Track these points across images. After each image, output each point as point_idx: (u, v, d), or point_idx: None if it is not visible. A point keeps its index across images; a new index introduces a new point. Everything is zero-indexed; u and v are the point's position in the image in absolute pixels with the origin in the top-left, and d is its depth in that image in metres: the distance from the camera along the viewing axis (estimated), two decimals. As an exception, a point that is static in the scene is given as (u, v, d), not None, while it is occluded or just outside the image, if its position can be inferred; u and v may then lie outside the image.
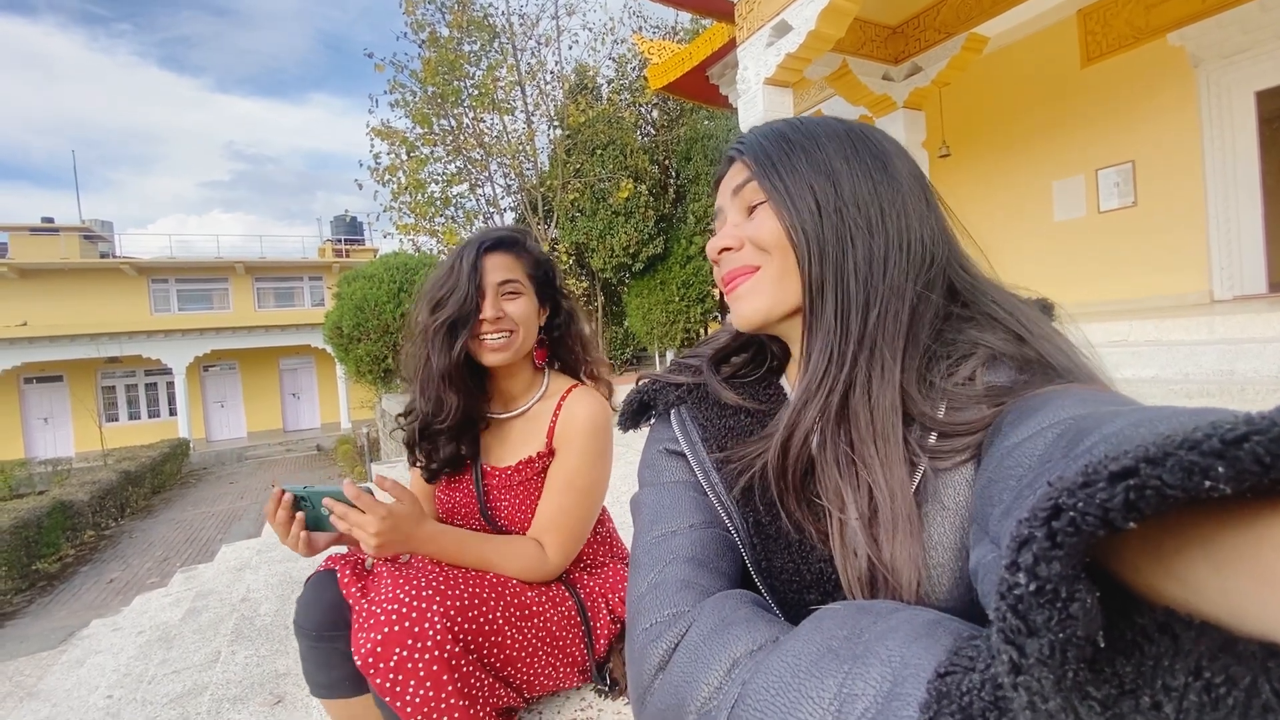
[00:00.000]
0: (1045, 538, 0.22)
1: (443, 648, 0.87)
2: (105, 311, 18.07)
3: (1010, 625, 0.23)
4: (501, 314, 1.10)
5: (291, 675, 2.03)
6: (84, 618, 5.09)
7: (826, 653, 0.37)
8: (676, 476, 0.63)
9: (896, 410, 0.51)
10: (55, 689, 3.26)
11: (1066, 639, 0.22)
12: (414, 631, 0.86)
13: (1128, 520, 0.21)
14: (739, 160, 0.62)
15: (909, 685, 0.32)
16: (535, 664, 1.04)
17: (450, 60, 9.47)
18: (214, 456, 16.41)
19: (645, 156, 11.10)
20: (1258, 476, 0.18)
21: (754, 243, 0.59)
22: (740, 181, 0.61)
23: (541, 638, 1.04)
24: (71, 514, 8.11)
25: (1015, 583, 0.22)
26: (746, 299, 0.60)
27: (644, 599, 0.52)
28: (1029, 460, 0.38)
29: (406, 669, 0.85)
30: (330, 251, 23.97)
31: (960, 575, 0.48)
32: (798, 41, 3.87)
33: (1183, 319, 3.54)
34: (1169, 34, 4.97)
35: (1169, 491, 0.20)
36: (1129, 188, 5.36)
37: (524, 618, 1.02)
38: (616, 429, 0.73)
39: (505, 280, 1.12)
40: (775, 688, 0.37)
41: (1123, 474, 0.21)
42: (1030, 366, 0.50)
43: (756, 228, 0.59)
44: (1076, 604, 0.22)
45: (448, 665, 0.87)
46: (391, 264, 8.19)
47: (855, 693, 0.34)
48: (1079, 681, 0.23)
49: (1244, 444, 0.19)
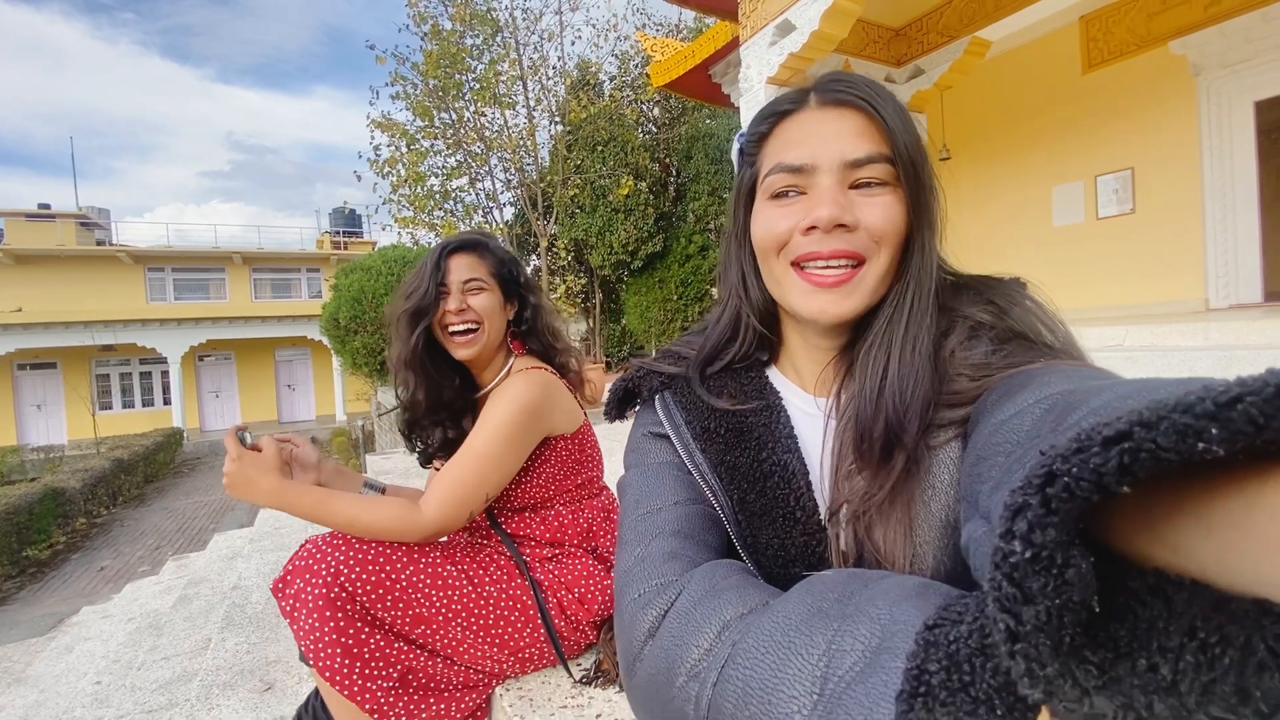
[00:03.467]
0: (1040, 504, 0.22)
1: (330, 588, 1.00)
2: (101, 299, 17.98)
3: (1006, 593, 0.23)
4: (465, 306, 1.20)
5: (282, 662, 2.03)
6: (74, 605, 5.08)
7: (816, 613, 0.38)
8: (661, 458, 0.63)
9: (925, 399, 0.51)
10: (44, 675, 3.25)
11: (1063, 605, 0.22)
12: (312, 568, 1.02)
13: (1122, 484, 0.21)
14: (870, 115, 0.55)
15: (897, 639, 0.32)
16: (452, 633, 1.10)
17: (452, 53, 9.43)
18: (208, 446, 16.35)
19: (646, 154, 11.09)
20: (1251, 437, 0.18)
21: (870, 228, 0.54)
22: (868, 154, 0.54)
23: (454, 610, 1.11)
24: (63, 501, 8.07)
25: (1010, 550, 0.22)
26: (849, 297, 0.55)
27: (631, 571, 0.52)
28: (1017, 435, 0.38)
29: (301, 599, 1.01)
30: (328, 243, 23.88)
31: (947, 552, 0.48)
32: (801, 41, 3.87)
33: (1179, 325, 3.56)
34: (1170, 42, 4.98)
35: (1163, 454, 0.20)
36: (1128, 195, 5.38)
37: (435, 586, 1.10)
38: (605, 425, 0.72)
39: (469, 279, 1.22)
40: (765, 646, 0.38)
41: (1117, 438, 0.21)
42: (1010, 339, 0.50)
43: (880, 215, 0.53)
44: (1072, 569, 0.22)
45: (331, 604, 1.00)
46: (389, 257, 8.17)
47: (844, 648, 0.34)
48: (1075, 647, 0.23)
49: (1237, 405, 0.19)
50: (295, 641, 1.03)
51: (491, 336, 1.23)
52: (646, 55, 8.17)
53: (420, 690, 1.06)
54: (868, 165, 0.54)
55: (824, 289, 0.55)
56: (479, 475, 1.12)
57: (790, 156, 0.56)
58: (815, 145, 0.55)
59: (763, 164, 0.59)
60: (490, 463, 1.12)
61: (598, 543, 1.28)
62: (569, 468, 1.27)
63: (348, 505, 1.09)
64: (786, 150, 0.57)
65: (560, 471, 1.26)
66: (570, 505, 1.29)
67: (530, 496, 1.25)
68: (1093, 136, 5.55)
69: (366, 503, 1.10)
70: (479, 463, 1.12)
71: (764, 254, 0.59)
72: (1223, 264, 4.89)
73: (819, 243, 0.54)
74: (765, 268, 0.60)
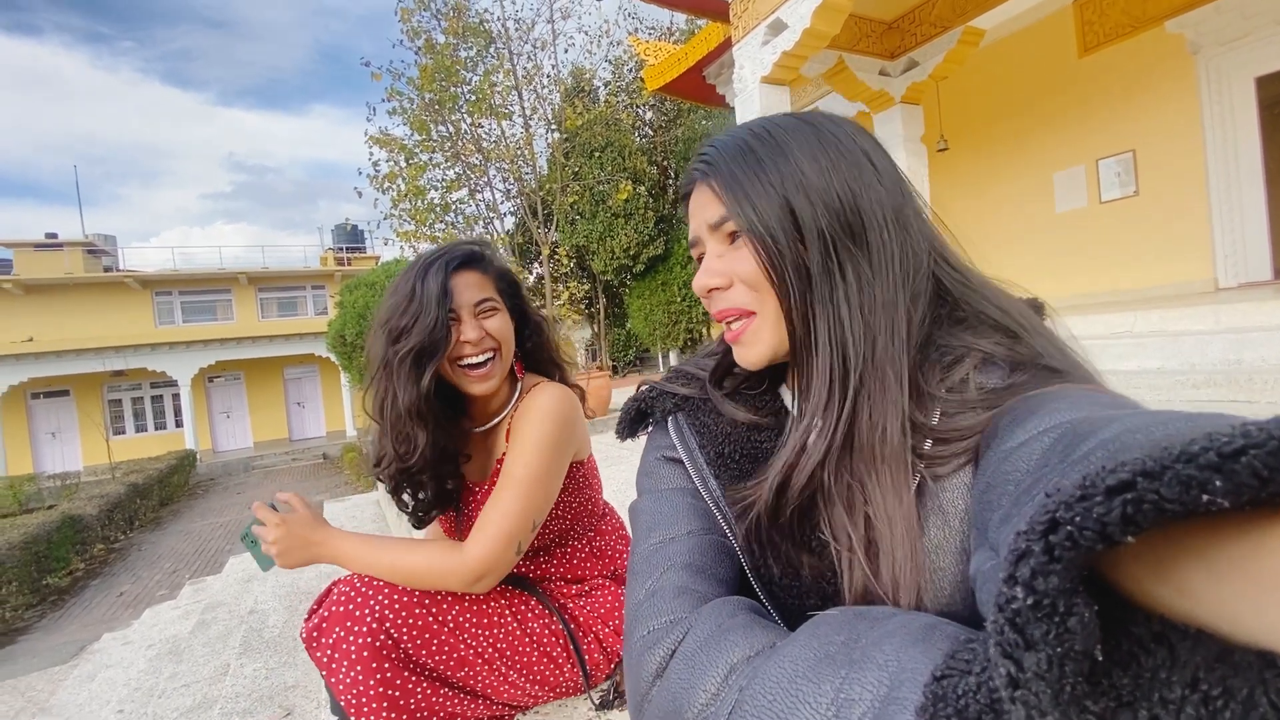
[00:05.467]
0: (1042, 552, 0.22)
1: (376, 636, 0.93)
2: (110, 325, 18.16)
3: (1008, 639, 0.22)
4: (483, 333, 1.06)
5: (300, 687, 2.03)
6: (95, 631, 5.11)
7: (823, 658, 0.37)
8: (674, 483, 0.62)
9: (905, 432, 0.49)
10: (67, 704, 3.27)
11: (1064, 653, 0.22)
12: (353, 614, 0.93)
13: (1125, 534, 0.20)
14: (706, 184, 0.58)
15: (906, 689, 0.32)
16: (496, 673, 1.05)
17: (446, 66, 9.49)
18: (221, 467, 16.46)
19: (644, 158, 11.12)
20: (1255, 490, 0.18)
21: (742, 280, 0.56)
22: (716, 218, 0.57)
23: (500, 650, 1.05)
24: (80, 528, 8.14)
25: (1013, 596, 0.22)
26: (749, 347, 0.58)
27: (641, 606, 0.52)
28: (1026, 465, 0.38)
29: (341, 649, 0.92)
30: (332, 260, 24.01)
31: (962, 580, 0.47)
32: (793, 39, 3.86)
33: (1188, 309, 3.52)
34: (1167, 21, 4.94)
35: (1167, 506, 0.19)
36: (1130, 177, 5.33)
37: (482, 625, 1.04)
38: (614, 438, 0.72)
39: (480, 300, 1.07)
40: (772, 693, 0.37)
41: (1120, 488, 0.21)
42: (1024, 367, 0.49)
43: (742, 264, 0.56)
44: (1074, 618, 0.21)
45: (377, 653, 0.92)
46: (393, 271, 8.21)
47: (852, 697, 0.34)
48: (1077, 695, 0.23)
49: (1240, 458, 0.18)
50: (329, 691, 0.96)
51: (507, 362, 1.11)
52: (640, 59, 8.17)
53: None
54: (721, 225, 0.57)
55: (736, 342, 0.59)
56: (525, 502, 1.00)
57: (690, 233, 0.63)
58: (694, 221, 0.61)
59: None
60: (535, 487, 1.01)
61: (617, 565, 1.23)
62: (585, 495, 1.19)
63: (390, 545, 1.02)
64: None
65: (578, 500, 1.18)
66: (584, 536, 1.22)
67: (551, 533, 1.15)
68: (1092, 120, 5.51)
69: (410, 543, 1.02)
70: (523, 488, 1.00)
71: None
72: (1230, 242, 4.84)
73: (712, 305, 0.60)
74: None
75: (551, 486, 1.06)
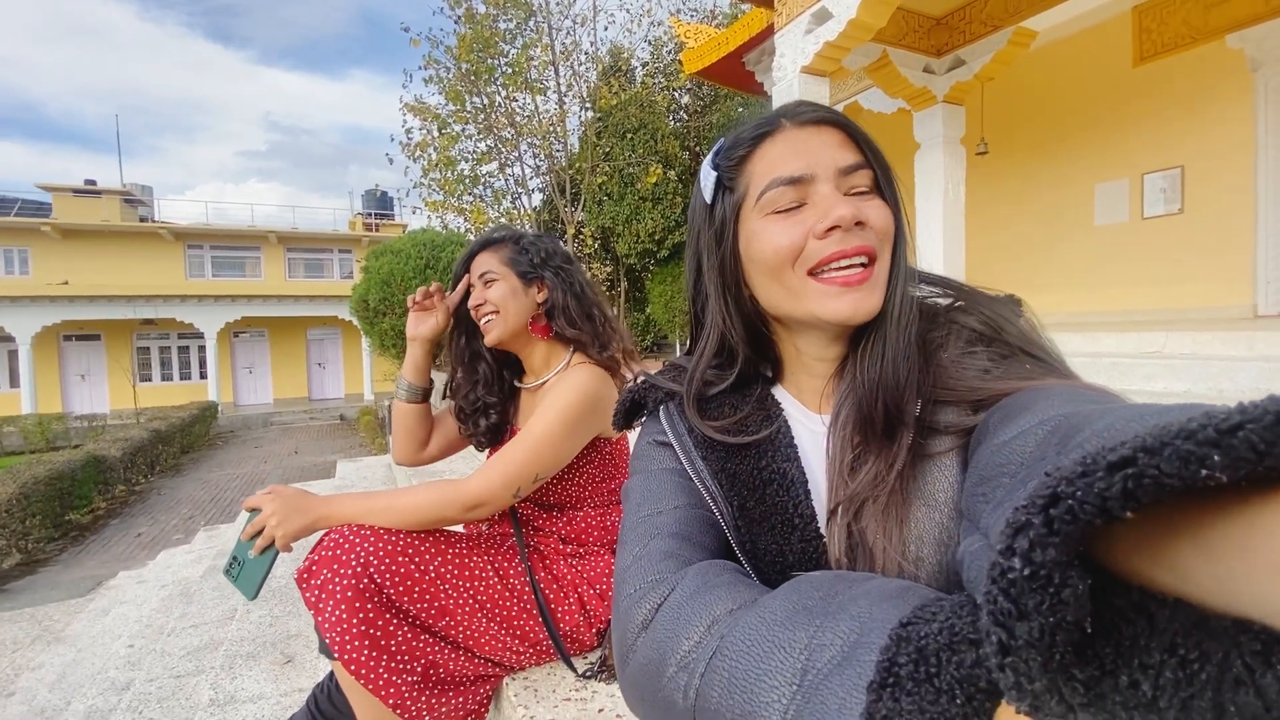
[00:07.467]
0: (1042, 524, 0.22)
1: (360, 578, 1.01)
2: (142, 274, 18.58)
3: (1001, 608, 0.23)
4: (482, 300, 1.28)
5: (301, 636, 2.09)
6: (112, 569, 5.29)
7: (801, 610, 0.40)
8: (664, 465, 0.65)
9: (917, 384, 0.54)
10: (81, 635, 3.40)
11: (1057, 623, 0.22)
12: (340, 559, 1.02)
13: (1125, 509, 0.21)
14: (842, 132, 0.59)
15: (873, 635, 0.34)
16: (476, 624, 1.11)
17: (485, 37, 9.44)
18: (241, 420, 16.84)
19: (676, 142, 10.99)
20: (1252, 464, 0.19)
21: (875, 229, 0.56)
22: (852, 162, 0.57)
23: (480, 602, 1.12)
24: (104, 468, 8.39)
25: (1009, 567, 0.23)
26: (873, 292, 0.56)
27: (629, 569, 0.54)
28: (1021, 456, 0.40)
29: (327, 589, 1.01)
30: (360, 225, 24.23)
31: (940, 569, 0.50)
32: (838, 29, 3.78)
33: (1221, 333, 3.42)
34: (1228, 35, 4.75)
35: (1166, 480, 0.20)
36: (1176, 194, 5.17)
37: (462, 577, 1.11)
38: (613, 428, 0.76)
39: (483, 273, 1.30)
40: (750, 639, 0.40)
41: (1121, 463, 0.21)
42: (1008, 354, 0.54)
43: (879, 215, 0.56)
44: (1069, 590, 0.22)
45: (360, 594, 1.00)
46: (419, 240, 8.24)
47: (824, 643, 0.36)
48: (1064, 663, 0.24)
49: (1238, 432, 0.19)
50: (318, 632, 1.04)
51: (511, 321, 1.27)
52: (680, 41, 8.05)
53: (440, 685, 1.07)
54: (856, 172, 0.57)
55: (851, 288, 0.56)
56: (532, 454, 1.14)
57: (786, 170, 0.57)
58: (809, 158, 0.57)
59: (750, 185, 0.60)
60: (545, 445, 1.14)
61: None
62: (608, 471, 1.30)
63: (385, 494, 1.13)
64: (778, 167, 0.58)
65: (600, 474, 1.29)
66: (598, 509, 1.31)
67: (565, 495, 1.28)
68: (1141, 132, 5.34)
69: (403, 489, 1.13)
70: (533, 442, 1.14)
71: (775, 269, 0.59)
72: (1274, 269, 4.68)
73: (841, 242, 0.55)
74: (774, 284, 0.60)
75: (563, 449, 1.17)
